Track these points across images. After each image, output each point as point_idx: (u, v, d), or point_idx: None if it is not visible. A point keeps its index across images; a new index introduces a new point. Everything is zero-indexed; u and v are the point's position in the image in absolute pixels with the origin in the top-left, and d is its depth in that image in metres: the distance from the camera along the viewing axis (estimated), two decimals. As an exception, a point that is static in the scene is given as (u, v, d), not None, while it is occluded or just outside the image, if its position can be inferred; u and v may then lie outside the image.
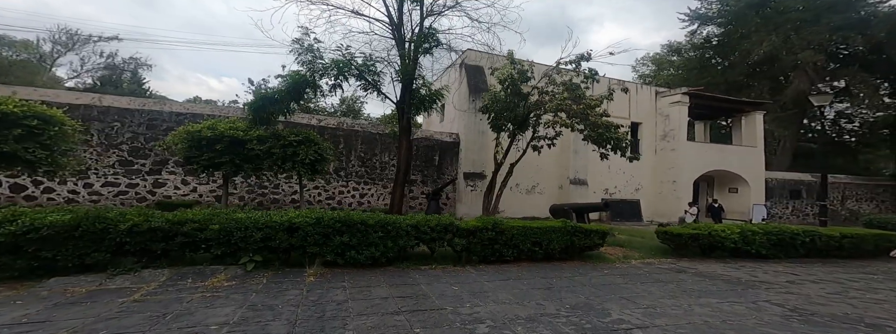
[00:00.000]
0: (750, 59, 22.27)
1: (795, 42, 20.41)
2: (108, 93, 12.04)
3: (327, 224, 4.49)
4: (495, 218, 5.84)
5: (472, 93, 14.44)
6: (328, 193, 12.48)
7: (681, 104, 15.52)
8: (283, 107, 8.27)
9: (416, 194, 13.77)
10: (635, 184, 16.07)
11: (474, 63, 15.29)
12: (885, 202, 20.70)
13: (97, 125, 9.44)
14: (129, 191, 9.54)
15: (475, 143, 14.05)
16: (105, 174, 9.33)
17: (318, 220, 4.45)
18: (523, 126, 10.55)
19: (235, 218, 3.96)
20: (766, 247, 6.99)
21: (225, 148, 7.13)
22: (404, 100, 9.86)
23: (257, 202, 11.30)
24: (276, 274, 4.06)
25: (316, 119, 12.82)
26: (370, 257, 4.81)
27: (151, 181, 9.82)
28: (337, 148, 12.67)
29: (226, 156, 7.13)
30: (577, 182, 14.55)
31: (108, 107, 9.70)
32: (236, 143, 7.30)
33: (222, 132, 7.14)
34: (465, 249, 5.54)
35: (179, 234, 3.82)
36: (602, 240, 6.29)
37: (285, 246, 4.20)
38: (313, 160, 8.13)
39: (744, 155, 16.18)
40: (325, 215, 4.56)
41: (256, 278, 3.87)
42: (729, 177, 16.58)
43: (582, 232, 6.07)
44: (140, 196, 9.63)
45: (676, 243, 6.99)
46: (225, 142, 7.14)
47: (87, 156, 9.19)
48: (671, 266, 6.27)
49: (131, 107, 10.04)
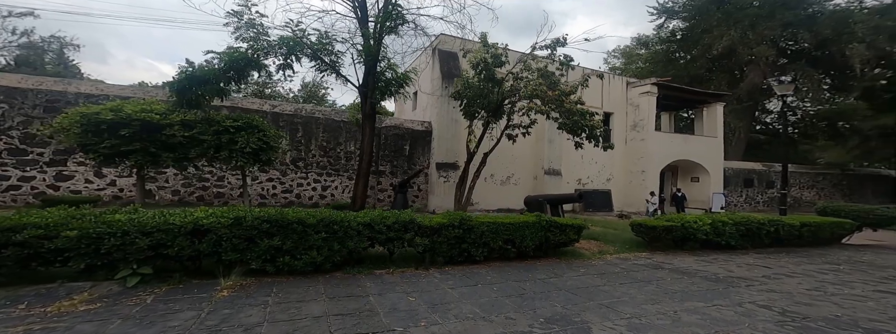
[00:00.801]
0: (711, 52, 23.14)
1: (751, 37, 21.36)
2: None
3: (251, 225, 3.56)
4: (462, 213, 5.15)
5: (446, 80, 13.56)
6: (285, 186, 11.24)
7: (650, 94, 15.64)
8: (215, 88, 6.93)
9: (384, 186, 12.85)
10: (607, 174, 16.17)
11: (448, 48, 14.34)
12: (824, 189, 22.69)
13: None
14: (22, 185, 7.81)
15: (448, 132, 13.28)
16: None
17: (238, 221, 3.50)
18: (497, 113, 9.90)
19: (108, 220, 2.92)
20: (735, 237, 6.93)
21: (133, 134, 5.81)
22: (367, 84, 8.81)
23: (197, 197, 9.86)
24: (172, 289, 3.09)
25: (269, 105, 11.39)
26: (310, 263, 3.96)
27: (53, 173, 8.12)
28: (295, 136, 11.39)
29: (135, 143, 5.82)
30: (551, 172, 14.30)
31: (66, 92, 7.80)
32: (150, 129, 5.99)
33: (130, 115, 5.80)
34: (428, 250, 4.82)
35: (11, 244, 2.72)
36: (578, 236, 5.84)
37: (189, 253, 3.22)
38: (256, 149, 6.97)
39: (705, 145, 16.77)
40: (247, 214, 3.61)
41: (137, 297, 2.88)
42: (691, 167, 17.17)
43: (557, 227, 5.56)
44: (38, 191, 7.92)
45: (650, 236, 6.73)
46: (134, 126, 5.81)
47: (-42, 144, 7.34)
48: (647, 261, 5.97)
49: (23, 86, 8.16)
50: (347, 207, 8.87)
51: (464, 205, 9.99)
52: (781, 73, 23.56)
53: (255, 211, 3.74)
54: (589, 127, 8.00)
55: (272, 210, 3.88)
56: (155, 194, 9.28)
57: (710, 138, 16.99)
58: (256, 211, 3.76)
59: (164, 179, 9.41)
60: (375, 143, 12.83)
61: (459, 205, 9.93)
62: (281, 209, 3.93)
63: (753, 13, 21.33)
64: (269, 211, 3.83)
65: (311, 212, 4.18)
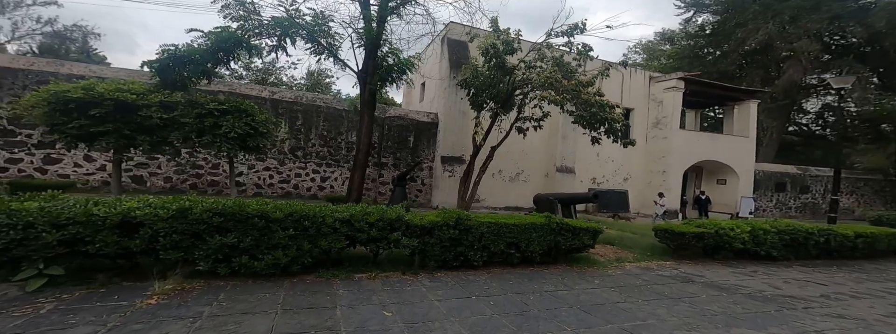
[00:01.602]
0: (743, 48, 21.44)
1: (792, 31, 19.60)
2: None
3: (198, 218, 2.97)
4: (459, 212, 4.45)
5: (454, 70, 12.77)
6: (282, 176, 10.80)
7: (675, 90, 14.42)
8: (201, 68, 6.41)
9: (386, 179, 12.27)
10: (624, 174, 15.11)
11: (457, 37, 13.56)
12: (865, 196, 20.82)
13: (-40, 84, 7.32)
14: (8, 167, 7.57)
15: (455, 124, 12.55)
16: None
17: (181, 213, 2.92)
18: (507, 105, 9.10)
19: (10, 209, 2.35)
20: (777, 247, 6.00)
21: (106, 114, 5.34)
22: (367, 69, 8.16)
23: (190, 185, 9.51)
24: (88, 295, 2.52)
25: (268, 91, 10.92)
26: (273, 264, 3.35)
27: (41, 156, 7.86)
28: (294, 125, 10.91)
29: (107, 124, 5.36)
30: (563, 170, 13.39)
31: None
32: (124, 109, 5.51)
33: (101, 94, 5.32)
34: (418, 252, 4.16)
35: None
36: (593, 241, 5.06)
37: (114, 251, 2.66)
38: (243, 134, 6.44)
39: (735, 145, 15.43)
40: (194, 205, 3.02)
41: (33, 304, 2.33)
42: (718, 168, 15.88)
43: (569, 230, 4.79)
44: (25, 174, 7.68)
45: (677, 242, 5.87)
46: (106, 106, 5.34)
47: (-56, 123, 7.12)
48: (674, 272, 5.14)
49: (14, 66, 7.91)
50: (344, 200, 8.33)
51: (468, 202, 9.29)
52: (824, 69, 21.63)
53: (207, 201, 3.15)
54: (609, 120, 7.11)
55: (230, 201, 3.28)
56: (146, 181, 8.98)
57: (741, 138, 15.63)
58: (209, 201, 3.17)
59: (156, 165, 9.09)
60: (379, 134, 12.26)
61: (463, 202, 9.24)
62: (240, 200, 3.33)
63: (795, 5, 19.51)
64: (226, 202, 3.23)
65: (279, 204, 3.57)
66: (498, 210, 13.27)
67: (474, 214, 4.66)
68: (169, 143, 6.08)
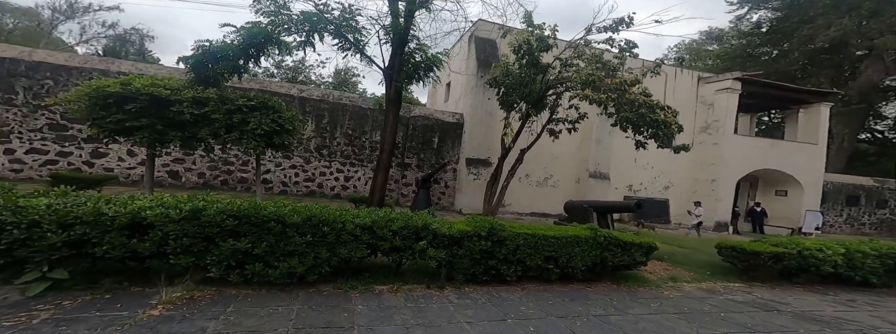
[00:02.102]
0: (808, 46, 19.13)
1: (872, 26, 17.18)
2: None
3: (211, 221, 2.73)
4: (492, 220, 3.98)
5: (482, 68, 12.32)
6: (307, 174, 10.84)
7: (730, 91, 12.98)
8: (233, 65, 6.41)
9: (409, 180, 12.00)
10: (665, 182, 13.84)
11: (485, 35, 13.10)
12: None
13: (24, 82, 7.88)
14: (59, 160, 8.05)
15: (482, 125, 12.06)
16: (31, 139, 7.83)
17: (194, 215, 2.69)
18: (539, 105, 8.50)
19: (17, 206, 2.21)
20: (877, 273, 4.98)
21: (141, 109, 5.41)
22: (393, 66, 7.88)
23: (221, 181, 9.74)
24: (91, 301, 2.31)
25: (297, 89, 11.02)
26: (288, 273, 3.06)
27: (89, 150, 8.31)
28: (320, 123, 10.93)
29: (142, 119, 5.42)
30: (597, 176, 12.45)
31: (40, 62, 8.10)
32: (158, 104, 5.57)
33: (137, 89, 5.40)
34: (445, 264, 3.74)
35: None
36: (646, 258, 4.39)
37: (123, 254, 2.46)
38: (268, 131, 6.37)
39: (800, 153, 13.65)
40: (208, 205, 2.79)
41: (30, 312, 2.14)
42: (778, 178, 14.13)
43: (619, 245, 4.17)
44: (74, 167, 8.14)
45: (747, 262, 5.01)
46: (141, 101, 5.41)
47: (9, 117, 7.68)
48: (747, 297, 4.34)
49: (69, 64, 8.44)
50: (367, 202, 8.12)
51: (494, 207, 8.77)
52: (908, 68, 18.78)
53: (222, 201, 2.92)
54: (662, 123, 6.30)
55: (246, 202, 3.03)
56: (181, 176, 9.29)
57: (808, 145, 13.81)
58: (224, 202, 2.93)
59: (191, 161, 9.39)
60: (403, 134, 12.03)
61: (489, 207, 8.73)
62: (256, 202, 3.07)
63: (878, -3, 17.10)
64: (242, 203, 2.99)
65: (297, 207, 3.28)
66: (523, 216, 12.59)
67: (508, 224, 4.16)
68: (199, 139, 6.11)
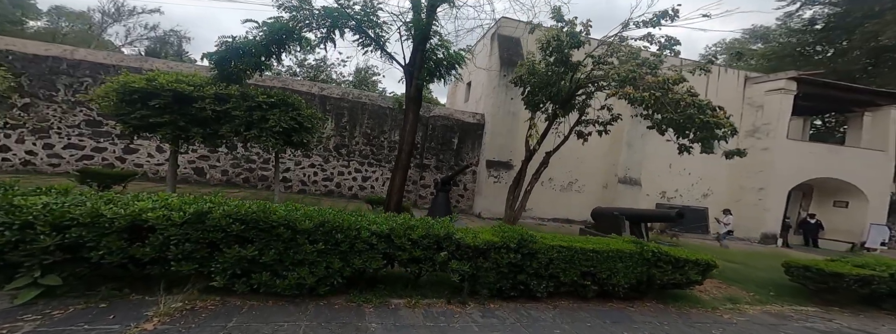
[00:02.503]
0: (872, 43, 17.18)
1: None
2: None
3: (215, 225, 2.50)
4: (522, 231, 3.56)
5: (505, 67, 11.85)
6: (325, 174, 10.79)
7: (784, 92, 11.74)
8: (255, 61, 6.36)
9: (428, 181, 11.71)
10: (703, 189, 12.76)
11: (509, 33, 12.63)
12: None
13: (65, 79, 8.25)
14: (94, 155, 8.37)
15: (503, 126, 11.58)
16: (68, 134, 8.18)
17: (198, 217, 2.47)
18: (567, 105, 7.94)
19: (12, 205, 2.05)
20: None
21: (165, 105, 5.41)
22: (414, 63, 7.61)
23: (243, 179, 9.85)
24: (83, 311, 2.10)
25: (317, 87, 11.02)
26: (297, 284, 2.79)
27: (122, 146, 8.59)
28: (339, 121, 10.86)
29: (166, 115, 5.42)
30: (627, 181, 11.63)
31: (81, 60, 8.47)
32: (181, 100, 5.56)
33: (162, 85, 5.41)
34: (468, 277, 3.37)
35: None
36: (702, 277, 3.82)
37: (120, 259, 2.26)
38: (287, 128, 6.26)
39: (864, 160, 12.15)
40: (214, 208, 2.56)
41: (13, 322, 1.95)
42: (836, 188, 12.66)
43: (670, 262, 3.63)
44: (108, 163, 8.44)
45: (824, 285, 4.29)
46: (165, 97, 5.41)
47: (49, 113, 8.06)
48: (829, 325, 3.73)
49: (108, 62, 8.78)
50: (382, 203, 7.90)
51: (516, 212, 8.29)
52: None
53: (229, 204, 2.69)
54: (715, 125, 5.59)
55: (256, 205, 2.80)
56: (206, 173, 9.46)
57: (874, 152, 12.28)
58: (231, 204, 2.70)
59: (215, 158, 9.55)
60: (422, 134, 11.77)
61: (511, 212, 8.26)
62: (265, 205, 2.83)
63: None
64: (250, 206, 2.75)
65: (309, 211, 3.01)
66: (545, 221, 11.98)
67: (539, 234, 3.72)
68: (220, 136, 6.08)
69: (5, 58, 7.79)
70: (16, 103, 7.76)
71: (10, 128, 7.64)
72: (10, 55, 7.89)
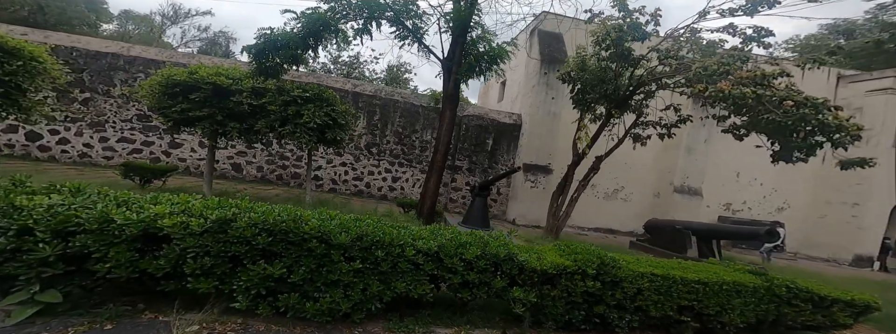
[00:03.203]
0: None
1: None
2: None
3: (238, 235, 2.09)
4: (601, 253, 2.88)
5: (546, 65, 11.02)
6: (356, 173, 10.59)
7: (890, 93, 9.85)
8: (291, 54, 6.16)
9: (459, 185, 11.16)
10: (778, 202, 11.08)
11: (551, 29, 11.73)
12: None
13: (121, 75, 8.66)
14: (143, 149, 8.71)
15: (542, 127, 10.75)
16: (122, 128, 8.57)
17: (221, 226, 2.07)
18: (624, 105, 7.02)
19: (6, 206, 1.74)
20: None
21: (204, 99, 5.31)
22: (453, 57, 7.09)
23: (276, 176, 9.88)
24: (84, 332, 1.78)
25: (351, 83, 10.86)
26: (329, 310, 2.33)
27: (168, 141, 8.88)
28: (371, 119, 10.62)
29: (205, 109, 5.31)
30: (685, 191, 10.33)
31: (136, 57, 8.86)
32: (220, 94, 5.44)
33: (202, 77, 5.31)
34: (532, 306, 2.76)
35: None
36: (853, 321, 2.93)
37: (129, 273, 1.90)
38: (321, 125, 5.98)
39: None
40: (239, 215, 2.16)
41: None
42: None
43: (810, 300, 2.78)
44: (154, 156, 8.75)
45: None
46: (205, 90, 5.30)
47: (106, 108, 8.48)
48: None
49: (159, 58, 9.13)
50: (414, 206, 7.47)
51: (561, 222, 7.49)
52: None
53: (256, 210, 2.29)
54: (834, 127, 4.47)
55: (285, 212, 2.37)
56: (243, 169, 9.57)
57: None
58: (259, 211, 2.30)
59: (252, 154, 9.65)
60: (455, 134, 11.25)
61: (555, 221, 7.47)
62: (296, 212, 2.40)
63: None
64: (281, 214, 2.33)
65: (344, 220, 2.55)
66: (585, 230, 10.98)
67: (621, 256, 3.01)
68: (256, 131, 5.92)
69: (70, 54, 8.28)
70: (77, 98, 8.24)
71: (69, 121, 8.11)
72: (75, 52, 8.38)
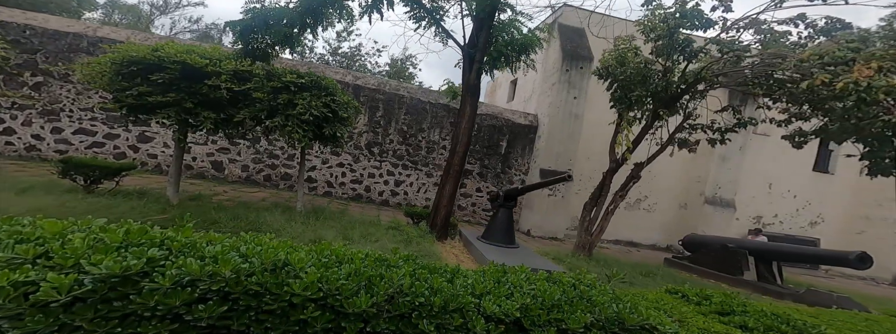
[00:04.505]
0: None
1: None
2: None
3: (159, 302, 1.01)
4: (791, 317, 1.82)
5: (568, 62, 10.15)
6: (354, 175, 9.46)
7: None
8: (285, 33, 5.04)
9: (469, 190, 10.11)
10: (811, 216, 10.31)
11: (572, 24, 10.94)
12: None
13: (84, 58, 7.42)
14: (106, 143, 7.45)
15: (563, 130, 9.81)
16: (80, 118, 7.31)
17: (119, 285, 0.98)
18: (672, 105, 6.12)
19: None
20: None
21: (170, 81, 4.18)
22: (476, 42, 6.09)
23: (264, 176, 8.69)
24: None
25: (352, 75, 9.79)
26: None
27: (136, 134, 7.64)
28: (373, 116, 9.54)
29: (169, 93, 4.18)
30: (717, 202, 9.48)
31: (102, 38, 7.64)
32: (192, 76, 4.31)
33: (169, 55, 4.19)
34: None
35: None
36: None
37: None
38: (319, 117, 4.90)
39: None
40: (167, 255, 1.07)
41: None
42: None
43: None
44: (119, 151, 7.50)
45: None
46: (172, 71, 4.18)
47: (62, 94, 7.22)
48: None
49: (131, 40, 7.91)
50: (425, 217, 6.39)
51: (595, 237, 6.49)
52: None
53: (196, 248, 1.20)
54: None
55: (260, 248, 1.29)
56: (225, 167, 8.37)
57: None
58: (211, 251, 1.21)
59: (236, 152, 8.46)
60: (465, 135, 10.28)
61: (588, 237, 6.46)
62: (275, 251, 1.31)
63: None
64: (247, 250, 1.24)
65: (361, 265, 1.48)
66: (604, 243, 10.02)
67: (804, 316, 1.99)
68: (237, 123, 4.80)
69: (22, 32, 7.04)
70: (27, 82, 6.98)
71: (17, 108, 6.85)
72: (29, 30, 7.15)
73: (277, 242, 1.56)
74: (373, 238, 4.66)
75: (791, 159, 9.81)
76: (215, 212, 4.39)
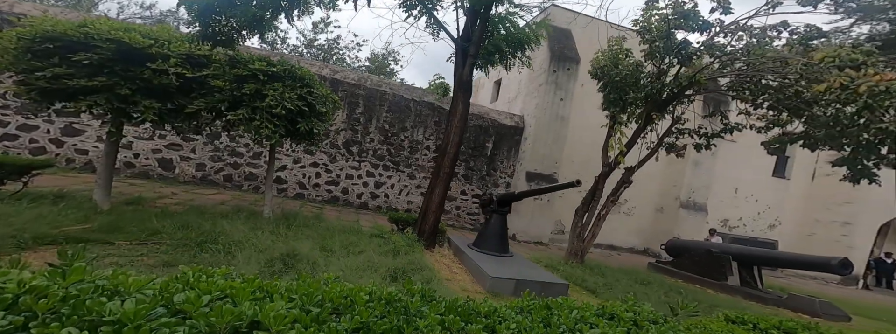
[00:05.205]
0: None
1: None
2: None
3: None
4: None
5: (555, 63, 10.05)
6: (330, 176, 8.69)
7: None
8: (253, 15, 4.27)
9: (454, 193, 9.69)
10: (769, 219, 11.03)
11: (560, 24, 10.91)
12: None
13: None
14: (20, 135, 6.14)
15: (549, 133, 9.69)
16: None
17: None
18: (664, 108, 6.10)
19: None
20: None
21: (99, 63, 3.33)
22: (470, 36, 5.66)
23: (224, 176, 7.69)
24: None
25: (329, 69, 9.00)
26: None
27: (61, 125, 6.38)
28: (353, 113, 8.83)
29: (99, 77, 3.34)
30: (690, 206, 9.82)
31: (20, 14, 6.31)
32: (129, 58, 3.48)
33: (99, 32, 3.35)
34: None
35: None
36: None
37: None
38: (293, 111, 4.22)
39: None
40: None
41: None
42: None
43: None
44: (37, 146, 6.21)
45: None
46: (102, 51, 3.33)
47: (-42, 73, 5.84)
48: None
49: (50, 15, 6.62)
50: (411, 223, 5.86)
51: (587, 243, 6.34)
52: None
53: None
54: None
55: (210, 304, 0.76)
56: (175, 166, 7.27)
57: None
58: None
59: (190, 148, 7.38)
60: (449, 136, 9.85)
61: (579, 242, 6.30)
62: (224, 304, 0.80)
63: None
64: (177, 298, 0.70)
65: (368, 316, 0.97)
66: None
67: None
68: (190, 115, 3.99)
69: None
70: None
71: None
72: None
73: (238, 283, 1.03)
74: (356, 248, 4.09)
75: (753, 165, 10.45)
76: (157, 220, 3.60)
